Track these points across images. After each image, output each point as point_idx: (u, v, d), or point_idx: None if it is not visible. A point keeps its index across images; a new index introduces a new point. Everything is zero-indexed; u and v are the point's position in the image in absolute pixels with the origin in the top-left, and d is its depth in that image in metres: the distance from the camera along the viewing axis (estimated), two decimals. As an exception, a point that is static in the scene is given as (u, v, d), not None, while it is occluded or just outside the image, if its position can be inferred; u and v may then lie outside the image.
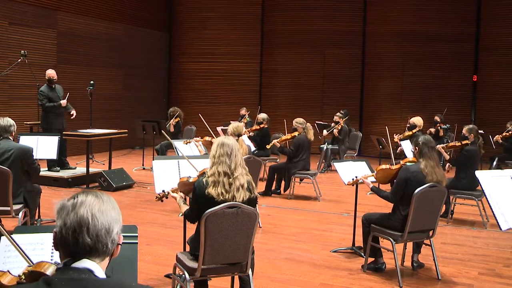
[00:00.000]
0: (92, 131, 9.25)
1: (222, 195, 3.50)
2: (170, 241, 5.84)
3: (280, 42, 15.40)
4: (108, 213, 1.62)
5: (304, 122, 8.57)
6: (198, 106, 15.70)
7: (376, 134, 11.44)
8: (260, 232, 6.37)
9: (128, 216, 6.96)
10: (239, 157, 3.63)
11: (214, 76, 15.86)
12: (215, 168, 3.57)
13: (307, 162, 8.48)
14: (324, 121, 13.00)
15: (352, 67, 14.95)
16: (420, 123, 9.20)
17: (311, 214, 7.53)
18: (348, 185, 5.42)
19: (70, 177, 8.78)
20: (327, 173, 11.29)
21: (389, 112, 14.42)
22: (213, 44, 15.80)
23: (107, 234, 1.60)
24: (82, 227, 1.57)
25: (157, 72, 16.03)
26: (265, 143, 9.63)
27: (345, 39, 14.86)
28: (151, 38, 15.58)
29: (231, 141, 3.65)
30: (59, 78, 12.05)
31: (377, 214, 5.02)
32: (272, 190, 8.67)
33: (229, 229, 3.47)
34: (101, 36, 13.45)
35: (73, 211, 1.59)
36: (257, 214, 3.59)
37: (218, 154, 3.60)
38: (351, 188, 5.55)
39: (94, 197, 1.63)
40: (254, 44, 15.71)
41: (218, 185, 3.52)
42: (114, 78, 13.97)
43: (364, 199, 8.20)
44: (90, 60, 13.01)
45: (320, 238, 6.20)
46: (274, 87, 15.63)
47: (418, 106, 13.80)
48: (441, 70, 14.03)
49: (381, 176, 5.05)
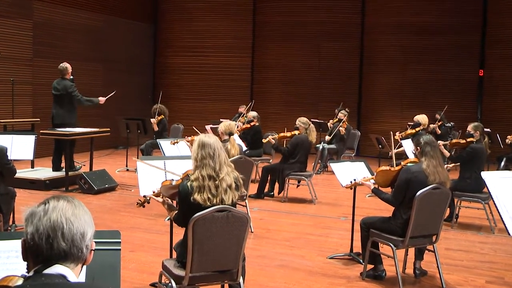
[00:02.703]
0: (72, 130, 9.20)
1: (209, 200, 3.49)
2: (156, 247, 5.81)
3: (273, 34, 15.41)
4: (82, 218, 1.66)
5: (308, 122, 8.54)
6: (186, 103, 15.69)
7: (375, 133, 11.47)
8: (251, 237, 6.36)
9: (111, 220, 6.93)
10: (222, 156, 3.60)
11: (202, 71, 15.84)
12: (198, 172, 3.55)
13: (303, 164, 8.47)
14: (320, 119, 13.03)
15: (349, 62, 14.98)
16: (425, 121, 9.21)
17: (306, 218, 7.53)
18: (346, 188, 5.43)
19: (47, 179, 8.75)
20: (323, 174, 11.30)
21: (389, 110, 14.47)
22: (202, 37, 15.78)
23: (82, 238, 1.64)
24: (56, 231, 1.60)
25: (141, 67, 15.99)
26: (257, 142, 9.63)
27: (342, 31, 14.89)
28: (134, 30, 15.52)
29: (212, 140, 3.62)
30: (34, 72, 11.98)
31: (377, 218, 5.03)
32: (265, 192, 8.67)
33: (219, 234, 3.47)
34: (80, 27, 13.39)
35: (46, 216, 1.61)
36: (249, 218, 3.58)
37: (200, 157, 3.57)
38: (349, 190, 5.55)
39: (65, 201, 1.67)
40: (245, 37, 15.71)
41: (204, 191, 3.50)
42: (94, 73, 13.92)
43: (362, 202, 8.20)
44: (68, 54, 12.91)
45: (316, 244, 6.20)
46: (266, 83, 15.63)
47: (420, 102, 13.86)
48: (445, 64, 14.09)
49: (381, 179, 5.05)
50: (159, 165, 4.68)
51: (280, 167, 8.48)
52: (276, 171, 8.54)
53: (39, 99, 12.05)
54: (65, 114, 9.27)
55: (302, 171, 8.48)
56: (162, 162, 4.74)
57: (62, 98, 9.21)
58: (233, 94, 15.56)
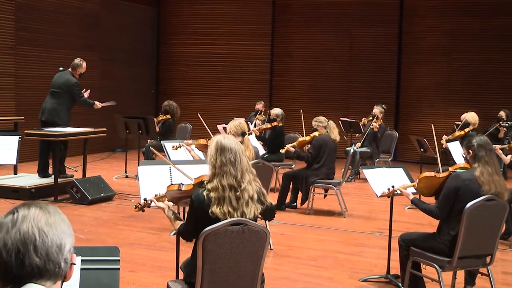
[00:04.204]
0: (62, 129, 9.27)
1: (230, 214, 3.49)
2: (159, 266, 5.83)
3: (296, 19, 15.41)
4: (58, 227, 1.64)
5: (326, 120, 8.57)
6: (194, 99, 15.74)
7: (416, 134, 11.38)
8: (271, 255, 6.36)
9: (107, 235, 6.96)
10: (244, 161, 3.60)
11: (213, 62, 15.89)
12: (217, 181, 3.54)
13: (331, 169, 8.46)
14: (351, 118, 12.99)
15: (385, 50, 14.91)
16: (475, 121, 9.17)
17: (335, 233, 7.52)
18: (381, 198, 5.40)
19: (33, 187, 8.79)
20: (354, 182, 11.27)
21: (432, 106, 14.36)
22: (213, 22, 15.83)
23: (59, 251, 1.62)
24: (27, 245, 1.58)
25: (142, 57, 16.08)
26: (278, 145, 9.61)
27: (377, 14, 14.84)
28: (135, 14, 15.64)
29: (232, 143, 3.61)
30: (17, 62, 12.03)
31: (418, 234, 4.99)
32: (287, 203, 8.68)
33: (233, 251, 3.46)
34: (72, 10, 13.50)
35: (14, 228, 1.60)
36: (268, 233, 3.57)
37: (219, 164, 3.56)
38: (385, 201, 5.52)
39: (38, 209, 1.65)
40: (263, 22, 15.72)
41: (224, 203, 3.50)
42: (88, 64, 13.91)
43: (401, 215, 8.17)
44: (57, 41, 13.02)
45: (346, 264, 6.19)
46: (288, 76, 15.63)
47: (470, 98, 13.72)
48: (501, 52, 13.87)
49: (424, 187, 5.01)
50: (164, 171, 4.68)
51: (304, 173, 8.48)
52: (299, 178, 8.53)
53: (23, 93, 12.10)
54: (60, 111, 9.30)
55: (329, 178, 8.46)
56: (167, 167, 4.74)
57: (59, 94, 9.26)
58: (249, 88, 15.58)
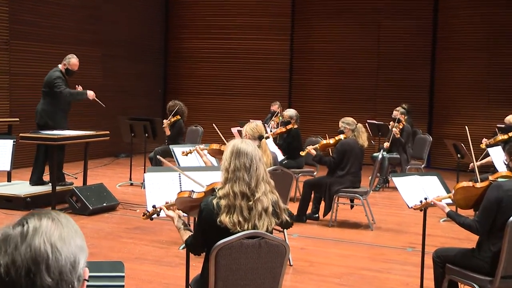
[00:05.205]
0: (61, 132, 9.33)
1: (240, 225, 3.51)
2: (167, 283, 5.84)
3: (319, 10, 15.42)
4: (72, 241, 1.62)
5: (354, 122, 8.54)
6: (206, 100, 15.78)
7: (452, 138, 11.34)
8: (290, 272, 6.36)
9: (110, 249, 6.99)
10: (261, 170, 3.63)
11: (227, 58, 15.92)
12: (229, 187, 3.57)
13: (357, 176, 8.45)
14: (378, 120, 12.95)
15: (418, 45, 14.87)
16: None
17: (361, 248, 7.51)
18: (413, 210, 5.38)
19: (28, 196, 8.83)
20: (383, 192, 11.25)
21: (470, 107, 14.28)
22: (226, 14, 15.87)
23: (73, 269, 1.60)
24: (39, 264, 1.55)
25: (149, 53, 16.15)
26: (296, 149, 9.60)
27: (409, 4, 14.81)
28: (140, 5, 15.72)
29: (250, 148, 3.66)
30: (12, 58, 12.12)
31: (455, 250, 4.98)
32: (308, 214, 8.67)
33: (249, 267, 3.48)
34: (71, 1, 13.57)
35: (24, 243, 1.57)
36: (287, 248, 3.58)
37: (233, 168, 3.60)
38: (417, 212, 5.50)
39: (49, 220, 1.62)
40: (282, 14, 15.74)
41: (234, 212, 3.53)
42: (89, 60, 14.06)
43: (435, 228, 8.14)
44: (56, 36, 13.08)
45: (374, 282, 6.17)
46: (309, 73, 15.63)
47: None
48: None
49: (462, 198, 4.99)
50: (173, 178, 4.71)
51: (327, 181, 8.46)
52: (322, 187, 8.52)
53: (17, 92, 12.15)
54: (51, 113, 9.37)
55: (355, 186, 8.44)
56: (176, 174, 4.77)
57: (47, 93, 9.33)
58: (266, 87, 15.57)
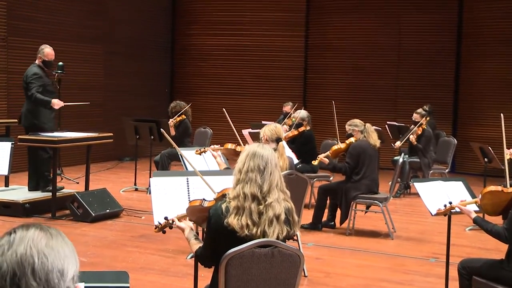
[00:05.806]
0: (61, 134, 9.36)
1: (248, 228, 3.52)
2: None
3: (335, 5, 15.41)
4: (60, 250, 1.68)
5: (362, 123, 8.53)
6: (215, 100, 15.77)
7: (479, 141, 11.29)
8: (305, 283, 6.36)
9: (114, 258, 7.00)
10: (276, 176, 3.66)
11: (238, 56, 15.93)
12: (239, 188, 3.60)
13: (373, 180, 8.43)
14: (399, 121, 12.91)
15: (442, 41, 14.83)
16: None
17: (380, 258, 7.49)
18: (436, 216, 5.36)
19: (27, 202, 8.84)
20: (404, 198, 11.22)
21: (499, 108, 14.16)
22: (237, 9, 15.89)
23: (61, 277, 1.66)
24: (25, 268, 1.62)
25: (154, 50, 16.19)
26: (310, 152, 9.58)
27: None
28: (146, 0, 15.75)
29: (266, 152, 3.69)
30: (9, 56, 12.18)
31: (482, 261, 4.97)
32: (323, 222, 8.65)
33: (261, 278, 3.48)
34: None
35: (10, 250, 1.65)
36: (302, 257, 3.58)
37: (246, 169, 3.63)
38: (441, 220, 5.48)
39: (38, 230, 1.70)
40: (296, 9, 15.75)
41: (243, 214, 3.55)
42: (91, 58, 14.14)
43: (461, 238, 8.12)
44: (55, 32, 13.10)
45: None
46: (325, 72, 15.62)
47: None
48: None
49: (489, 204, 4.98)
50: (181, 183, 4.72)
51: (343, 187, 8.45)
52: (338, 193, 8.51)
53: (15, 92, 12.13)
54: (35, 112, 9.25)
55: (372, 191, 8.42)
56: (184, 179, 4.77)
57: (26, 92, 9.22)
58: (279, 87, 15.56)
